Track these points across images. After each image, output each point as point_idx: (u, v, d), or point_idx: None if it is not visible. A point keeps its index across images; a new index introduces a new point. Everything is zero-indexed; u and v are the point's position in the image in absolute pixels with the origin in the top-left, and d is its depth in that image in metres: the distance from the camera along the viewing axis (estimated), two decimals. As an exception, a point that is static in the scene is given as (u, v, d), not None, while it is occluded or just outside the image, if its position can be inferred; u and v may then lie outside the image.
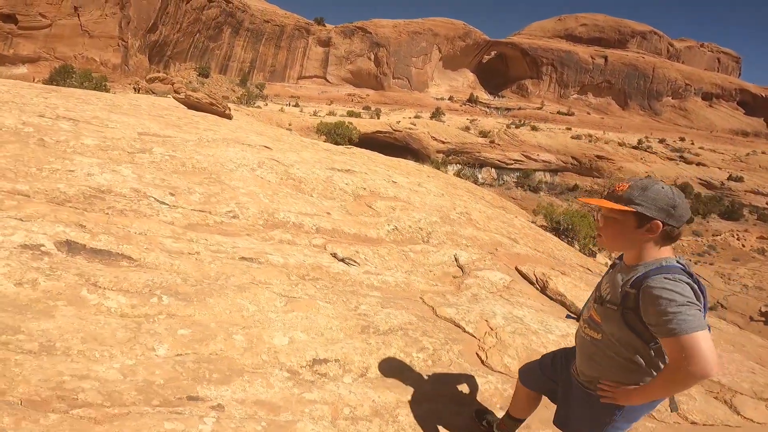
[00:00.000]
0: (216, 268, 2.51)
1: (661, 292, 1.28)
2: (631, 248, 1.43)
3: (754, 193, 48.69)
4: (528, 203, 40.06)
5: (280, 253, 2.92)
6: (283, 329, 2.14)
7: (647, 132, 66.44)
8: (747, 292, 26.71)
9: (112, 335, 1.77)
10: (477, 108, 70.73)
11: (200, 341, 1.91)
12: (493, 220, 6.66)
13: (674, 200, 1.35)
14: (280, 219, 3.56)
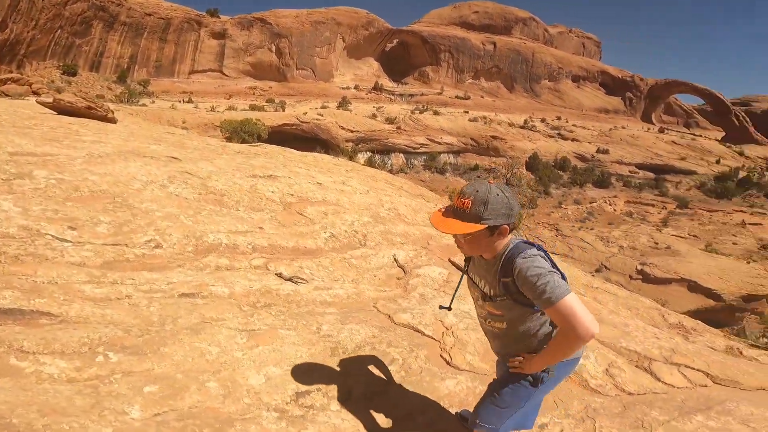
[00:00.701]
0: (156, 311, 2.29)
1: (527, 271, 1.46)
2: (490, 251, 1.59)
3: (619, 163, 56.76)
4: (437, 185, 42.16)
5: (223, 282, 2.74)
6: (254, 367, 2.04)
7: (531, 112, 73.56)
8: (623, 253, 31.22)
9: (70, 404, 1.55)
10: (382, 95, 72.09)
11: (174, 396, 1.76)
12: (419, 212, 6.94)
13: (510, 204, 1.50)
14: (211, 242, 3.32)
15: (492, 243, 1.56)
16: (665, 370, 3.97)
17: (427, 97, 73.54)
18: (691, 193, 51.10)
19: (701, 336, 7.47)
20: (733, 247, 36.81)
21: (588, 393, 2.96)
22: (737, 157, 65.56)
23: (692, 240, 37.61)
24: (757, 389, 4.80)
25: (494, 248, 1.58)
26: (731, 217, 43.97)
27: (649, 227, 39.94)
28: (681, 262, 29.72)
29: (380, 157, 49.50)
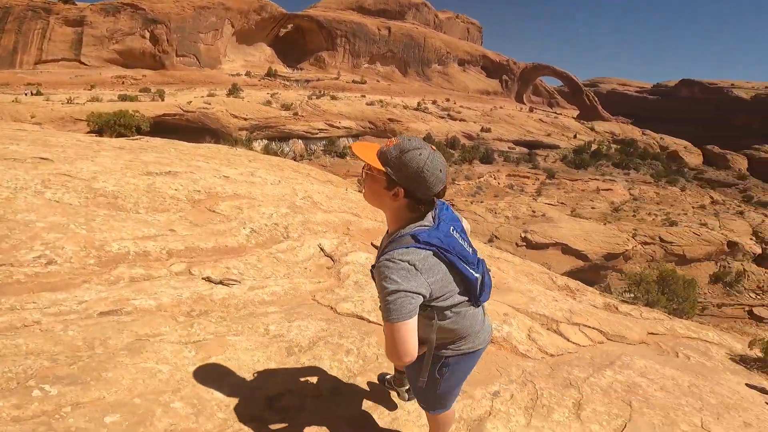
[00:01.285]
0: (78, 335, 1.96)
1: (382, 275, 1.27)
2: (383, 209, 1.41)
3: (499, 140, 62.52)
4: (338, 169, 42.15)
5: (146, 294, 2.43)
6: (215, 379, 1.87)
7: (423, 95, 76.95)
8: (509, 222, 34.69)
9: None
10: (277, 81, 69.11)
11: (142, 423, 1.56)
12: (333, 198, 6.88)
13: (424, 171, 1.29)
14: (116, 251, 2.91)
15: (385, 199, 1.36)
16: (570, 331, 4.58)
17: (324, 82, 72.45)
18: (557, 165, 58.51)
19: (584, 295, 8.73)
20: (592, 211, 43.27)
21: (520, 358, 3.30)
22: (589, 132, 76.62)
23: (561, 207, 43.33)
24: (639, 343, 5.79)
25: (391, 213, 1.40)
26: (588, 184, 51.55)
27: (527, 197, 45.00)
28: (554, 227, 34.11)
29: (278, 144, 47.76)
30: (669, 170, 62.48)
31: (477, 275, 1.43)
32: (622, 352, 4.51)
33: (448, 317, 1.43)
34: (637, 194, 50.85)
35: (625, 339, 5.45)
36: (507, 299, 4.86)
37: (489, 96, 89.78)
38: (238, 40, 72.98)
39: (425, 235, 1.31)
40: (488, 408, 2.46)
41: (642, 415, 2.92)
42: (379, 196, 1.36)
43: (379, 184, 1.34)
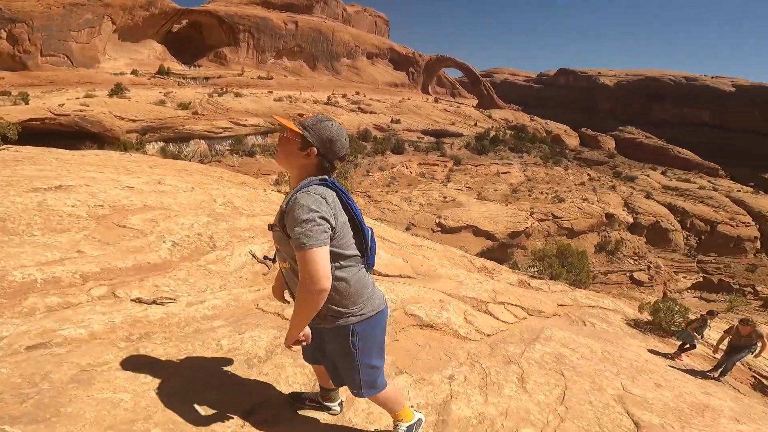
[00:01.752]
0: (15, 372, 1.67)
1: (294, 206, 1.42)
2: (294, 168, 1.58)
3: (409, 131, 64.53)
4: (248, 168, 40.20)
5: (72, 323, 2.10)
6: (180, 403, 1.70)
7: (333, 89, 76.18)
8: (424, 210, 36.06)
9: None
10: (170, 80, 63.20)
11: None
12: (254, 201, 6.57)
13: (333, 137, 1.54)
14: (21, 281, 2.47)
15: (299, 159, 1.54)
16: (498, 310, 4.94)
17: (226, 79, 68.06)
18: (462, 152, 62.18)
19: (500, 274, 9.46)
20: (495, 194, 46.81)
21: (463, 341, 3.48)
22: (488, 119, 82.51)
23: (468, 191, 46.22)
24: (553, 315, 6.44)
25: (298, 171, 1.56)
26: (490, 168, 55.61)
27: (438, 184, 47.22)
28: (465, 211, 36.30)
29: (176, 145, 43.99)
30: (554, 152, 69.77)
31: (368, 228, 1.63)
32: (543, 326, 5.00)
33: (343, 270, 1.56)
34: (530, 175, 56.09)
35: (542, 313, 6.04)
36: (438, 286, 5.09)
37: (397, 88, 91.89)
38: (121, 38, 65.40)
39: (330, 181, 1.55)
40: (448, 391, 2.58)
41: (575, 383, 3.27)
42: (293, 156, 1.56)
43: (294, 145, 1.55)
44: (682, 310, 7.75)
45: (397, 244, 7.00)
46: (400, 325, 3.26)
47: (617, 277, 39.75)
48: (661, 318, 7.57)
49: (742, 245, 48.51)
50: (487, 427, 2.39)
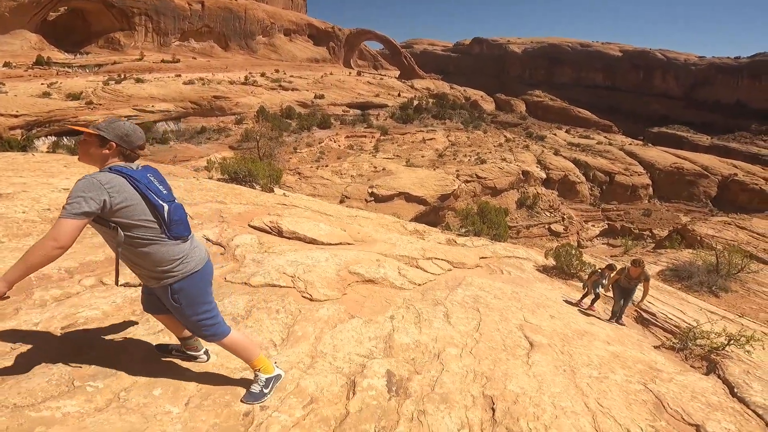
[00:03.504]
0: (68, 344, 2.05)
1: (74, 186, 1.69)
2: (97, 162, 1.85)
3: (334, 105, 63.83)
4: (162, 156, 37.74)
5: (85, 308, 2.43)
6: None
7: (250, 68, 72.41)
8: (355, 181, 36.53)
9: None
10: (53, 70, 56.04)
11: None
12: (192, 191, 6.74)
13: (128, 131, 1.86)
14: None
15: (100, 154, 1.83)
16: (427, 265, 5.75)
17: (123, 65, 61.73)
18: (388, 122, 63.06)
19: (430, 235, 10.44)
20: (422, 160, 48.48)
21: (399, 291, 4.21)
22: (411, 89, 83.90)
23: (397, 159, 47.38)
24: (475, 267, 7.43)
25: (101, 162, 1.84)
26: (416, 136, 57.20)
27: (368, 155, 47.80)
28: (395, 179, 37.41)
29: (71, 139, 39.90)
30: (473, 117, 73.36)
31: (164, 204, 1.86)
32: (465, 275, 5.93)
33: (141, 242, 1.82)
34: (454, 140, 58.63)
35: (465, 265, 7.02)
36: (375, 249, 5.79)
37: (318, 63, 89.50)
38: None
39: (118, 168, 1.81)
40: (391, 327, 3.29)
41: (488, 317, 4.14)
42: (93, 152, 1.84)
43: (93, 144, 1.83)
44: (578, 253, 9.19)
45: (334, 216, 7.57)
46: (346, 282, 3.91)
47: (538, 231, 43.51)
48: (562, 262, 8.91)
49: (637, 192, 55.16)
50: (422, 349, 3.14)
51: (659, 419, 2.85)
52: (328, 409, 2.16)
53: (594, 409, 2.75)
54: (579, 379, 3.17)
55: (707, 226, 24.40)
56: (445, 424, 2.28)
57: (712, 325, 5.62)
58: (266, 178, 9.08)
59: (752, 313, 11.84)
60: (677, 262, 14.90)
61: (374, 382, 2.46)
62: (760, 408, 3.33)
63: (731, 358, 4.78)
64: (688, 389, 3.47)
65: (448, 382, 2.66)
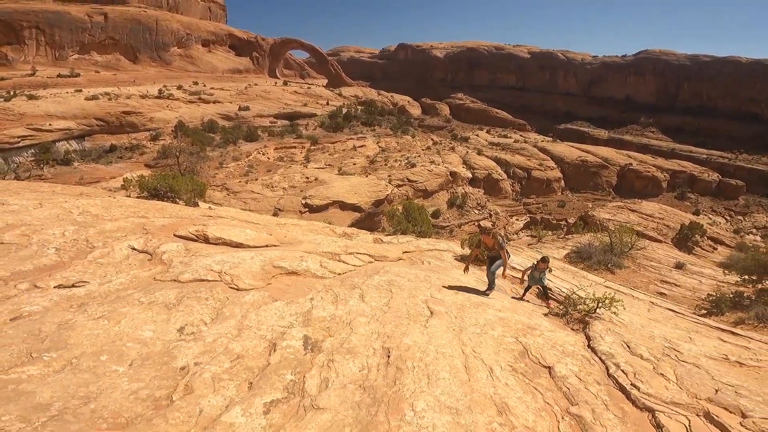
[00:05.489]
0: (20, 333, 2.30)
1: None
2: None
3: (260, 117, 62.64)
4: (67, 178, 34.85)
5: (28, 305, 2.71)
6: (135, 330, 2.54)
7: (164, 81, 68.73)
8: (288, 193, 36.32)
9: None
10: None
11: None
12: (110, 208, 6.80)
13: None
14: None
15: None
16: (349, 259, 6.36)
17: (12, 81, 55.89)
18: (318, 132, 63.15)
19: (358, 236, 11.11)
20: (354, 167, 49.28)
21: (320, 279, 4.79)
22: (339, 97, 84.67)
23: (329, 168, 47.73)
24: (398, 259, 8.17)
25: None
26: (346, 144, 57.95)
27: (299, 166, 47.62)
28: (328, 188, 37.74)
29: None
30: (401, 122, 75.85)
31: None
32: (384, 265, 6.63)
33: None
34: (384, 146, 60.21)
35: (387, 258, 7.74)
36: (299, 249, 6.31)
37: (241, 74, 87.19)
38: None
39: None
40: (310, 306, 3.86)
41: (398, 295, 4.84)
42: None
43: None
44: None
45: (261, 224, 7.96)
46: (270, 274, 4.41)
47: (469, 228, 45.92)
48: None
49: (552, 186, 60.32)
50: (337, 320, 3.74)
51: (520, 362, 3.68)
52: (252, 362, 2.69)
53: (468, 354, 3.52)
54: (463, 335, 3.95)
55: (605, 210, 27.67)
56: (349, 367, 2.90)
57: (585, 292, 6.75)
58: (189, 192, 9.17)
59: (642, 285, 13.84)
60: (579, 245, 16.90)
61: (292, 343, 3.02)
62: (603, 355, 4.31)
63: (602, 319, 5.84)
64: (551, 342, 4.38)
65: (354, 341, 3.29)
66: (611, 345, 4.57)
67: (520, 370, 3.50)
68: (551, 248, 18.61)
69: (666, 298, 11.84)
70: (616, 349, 4.38)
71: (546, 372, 3.57)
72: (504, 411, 2.80)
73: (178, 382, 2.38)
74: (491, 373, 3.27)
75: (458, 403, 2.76)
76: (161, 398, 2.24)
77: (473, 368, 3.28)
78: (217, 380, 2.46)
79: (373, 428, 2.39)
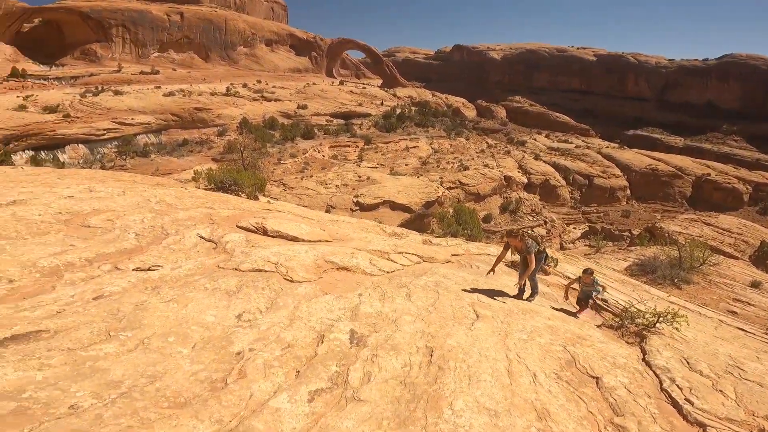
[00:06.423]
0: (103, 310, 2.68)
1: None
2: None
3: (317, 115, 64.63)
4: (144, 169, 37.87)
5: (110, 285, 3.12)
6: (206, 310, 2.85)
7: (231, 79, 72.92)
8: (340, 191, 37.22)
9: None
10: (29, 82, 55.80)
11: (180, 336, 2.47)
12: (182, 198, 7.38)
13: None
14: (49, 266, 3.38)
15: None
16: (397, 258, 6.48)
17: (100, 77, 61.75)
18: (371, 131, 64.05)
19: (407, 237, 11.22)
20: (406, 168, 49.42)
21: (369, 276, 4.94)
22: (393, 98, 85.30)
23: (381, 168, 48.24)
24: (446, 261, 8.19)
25: None
26: (399, 144, 58.24)
27: (352, 165, 48.58)
28: (380, 187, 38.19)
29: (49, 153, 39.95)
30: (455, 124, 75.03)
31: None
32: (432, 266, 6.68)
33: None
34: (437, 147, 59.86)
35: (435, 259, 7.77)
36: (350, 245, 6.51)
37: (301, 74, 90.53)
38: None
39: None
40: (358, 301, 4.01)
41: (444, 296, 4.88)
42: None
43: None
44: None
45: (315, 220, 8.28)
46: (322, 268, 4.63)
47: (520, 234, 44.41)
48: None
49: (616, 194, 56.93)
50: (383, 317, 3.86)
51: (566, 371, 3.60)
52: (301, 351, 2.87)
53: (512, 358, 3.50)
54: (509, 340, 3.92)
55: (675, 223, 25.71)
56: (392, 363, 3.00)
57: (645, 306, 6.40)
58: (251, 186, 9.74)
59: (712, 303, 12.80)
60: (643, 258, 15.91)
61: (339, 336, 3.18)
62: (659, 369, 4.09)
63: (662, 334, 5.54)
64: (602, 353, 4.23)
65: (399, 338, 3.39)
66: (668, 360, 4.35)
67: (565, 378, 3.44)
68: (611, 259, 17.67)
69: (737, 317, 10.88)
70: (674, 365, 4.17)
71: (593, 382, 3.48)
72: (544, 417, 2.78)
73: (233, 366, 2.60)
74: (534, 379, 3.24)
75: (497, 405, 2.78)
76: (217, 381, 2.46)
77: (516, 373, 3.27)
78: (268, 367, 2.66)
79: (411, 423, 2.47)
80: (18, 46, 64.11)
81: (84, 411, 2.00)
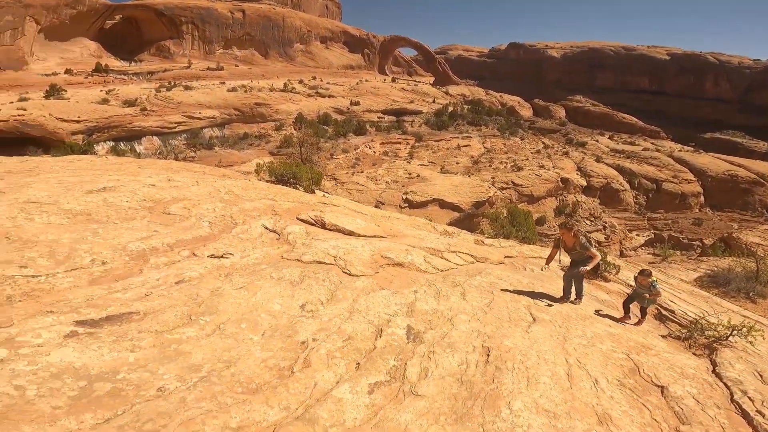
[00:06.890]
0: (186, 294, 2.97)
1: None
2: None
3: (369, 112, 65.38)
4: (208, 161, 40.09)
5: (189, 270, 3.45)
6: (270, 300, 3.07)
7: (288, 76, 75.63)
8: (390, 187, 37.48)
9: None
10: (111, 77, 61.08)
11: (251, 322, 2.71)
12: (248, 189, 7.79)
13: None
14: (136, 249, 3.77)
15: None
16: (451, 257, 6.48)
17: (173, 72, 66.31)
18: (422, 129, 63.75)
19: (459, 236, 11.13)
20: (457, 166, 48.77)
21: (423, 273, 5.00)
22: (445, 96, 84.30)
23: (431, 166, 47.94)
24: (499, 263, 8.08)
25: None
26: (450, 143, 57.50)
27: (402, 162, 48.67)
28: (429, 185, 38.02)
29: (127, 144, 43.45)
30: (510, 123, 72.82)
31: None
32: (485, 267, 6.60)
33: None
34: (489, 147, 58.53)
35: (488, 260, 7.66)
36: (404, 242, 6.58)
37: (353, 70, 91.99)
38: (48, 37, 62.24)
39: None
40: (413, 298, 4.08)
41: (499, 298, 4.83)
42: None
43: None
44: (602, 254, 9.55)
45: (369, 215, 8.44)
46: (378, 264, 4.73)
47: (576, 238, 42.45)
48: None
49: (687, 201, 52.73)
50: (438, 314, 3.90)
51: (630, 378, 3.46)
52: (360, 344, 2.98)
53: (572, 363, 3.41)
54: (568, 345, 3.82)
55: (754, 234, 23.50)
56: (448, 360, 3.03)
57: (718, 318, 5.97)
58: (308, 180, 10.10)
59: (793, 320, 11.65)
60: (716, 269, 14.72)
61: (396, 331, 3.26)
62: (730, 381, 3.83)
63: (734, 347, 5.17)
64: (669, 363, 4.01)
65: (455, 336, 3.41)
66: (741, 372, 4.09)
67: (629, 385, 3.32)
68: (679, 269, 16.54)
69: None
70: (746, 377, 3.91)
71: (657, 390, 3.35)
72: (605, 421, 2.71)
73: (298, 354, 2.74)
74: (596, 384, 3.16)
75: (557, 407, 2.74)
76: (284, 368, 2.60)
77: (576, 377, 3.20)
78: (330, 357, 2.78)
79: (468, 420, 2.50)
80: (101, 42, 69.87)
81: (170, 394, 2.16)
